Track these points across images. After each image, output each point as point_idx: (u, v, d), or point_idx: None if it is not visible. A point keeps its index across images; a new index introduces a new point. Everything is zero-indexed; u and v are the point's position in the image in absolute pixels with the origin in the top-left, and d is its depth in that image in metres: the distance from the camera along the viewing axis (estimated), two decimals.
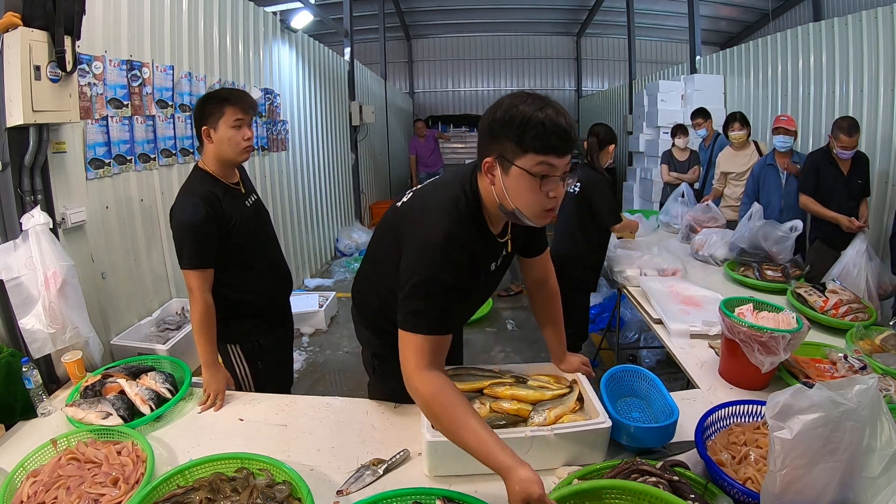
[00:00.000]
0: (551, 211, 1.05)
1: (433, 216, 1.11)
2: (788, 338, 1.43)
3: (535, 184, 1.00)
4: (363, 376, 1.60)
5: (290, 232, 4.78)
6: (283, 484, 1.11)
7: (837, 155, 2.96)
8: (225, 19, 3.49)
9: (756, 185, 3.50)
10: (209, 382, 1.56)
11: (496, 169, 1.04)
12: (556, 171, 1.00)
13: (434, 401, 1.02)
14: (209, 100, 1.62)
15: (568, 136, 0.99)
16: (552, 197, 1.02)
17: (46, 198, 1.81)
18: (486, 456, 0.96)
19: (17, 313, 1.62)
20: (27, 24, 1.55)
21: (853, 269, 2.41)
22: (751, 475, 1.10)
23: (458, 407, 1.00)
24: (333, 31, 6.88)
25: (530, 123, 0.96)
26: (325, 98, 5.77)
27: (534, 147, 0.97)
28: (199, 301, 1.57)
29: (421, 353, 1.05)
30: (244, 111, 1.61)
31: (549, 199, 1.03)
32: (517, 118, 0.97)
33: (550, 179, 1.00)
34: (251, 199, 1.78)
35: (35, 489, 1.13)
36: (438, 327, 1.07)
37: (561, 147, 0.98)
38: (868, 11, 3.74)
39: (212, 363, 1.59)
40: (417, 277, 1.06)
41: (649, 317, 2.23)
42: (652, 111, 6.42)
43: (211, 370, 1.57)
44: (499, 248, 1.22)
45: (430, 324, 1.06)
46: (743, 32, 10.76)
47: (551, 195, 1.02)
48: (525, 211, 1.05)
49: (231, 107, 1.59)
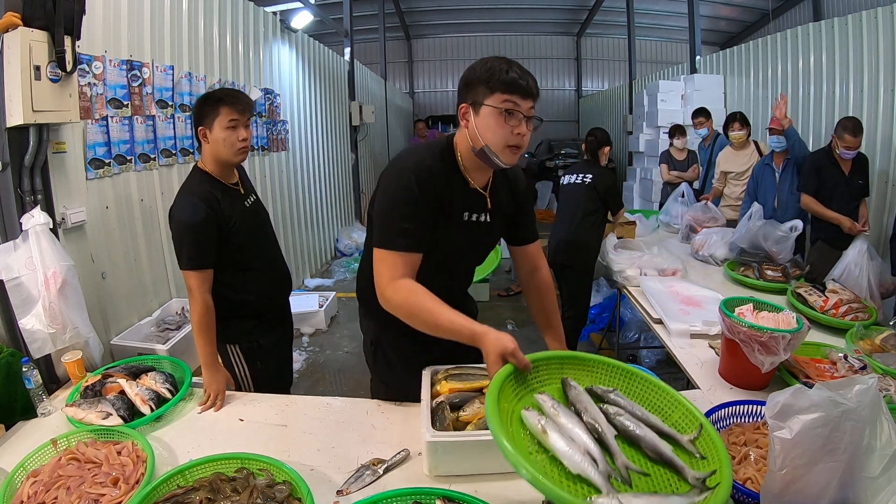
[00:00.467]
0: (515, 148, 1.18)
1: (405, 154, 1.28)
2: (788, 338, 1.43)
3: (501, 119, 1.15)
4: (363, 376, 1.60)
5: (290, 232, 4.78)
6: (283, 484, 1.11)
7: (840, 155, 2.97)
8: (225, 19, 3.49)
9: (755, 184, 3.51)
10: (209, 383, 1.55)
11: (469, 114, 1.19)
12: (520, 109, 1.14)
13: (407, 302, 1.15)
14: (205, 100, 1.63)
15: (528, 83, 1.15)
16: (516, 133, 1.16)
17: (46, 198, 1.81)
18: (460, 329, 1.09)
19: (17, 313, 1.62)
20: (27, 24, 1.55)
21: (855, 269, 2.42)
22: (751, 475, 1.10)
23: (428, 300, 1.14)
24: (333, 31, 6.89)
25: (499, 71, 1.14)
26: (325, 98, 5.77)
27: (500, 88, 1.14)
28: (198, 301, 1.57)
29: (392, 267, 1.18)
30: (240, 112, 1.61)
31: (513, 135, 1.16)
32: (487, 69, 1.16)
33: (515, 116, 1.15)
34: (250, 200, 1.78)
35: (35, 489, 1.13)
36: (405, 244, 1.18)
37: (524, 89, 1.14)
38: (868, 11, 3.75)
39: (212, 363, 1.59)
40: (386, 196, 1.22)
41: (649, 317, 2.23)
42: (652, 111, 6.43)
43: (211, 370, 1.57)
44: (477, 200, 1.31)
45: (397, 240, 1.18)
46: (743, 32, 10.77)
47: (515, 132, 1.16)
48: (492, 146, 1.17)
49: (226, 107, 1.59)
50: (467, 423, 1.26)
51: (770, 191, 3.40)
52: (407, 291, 1.16)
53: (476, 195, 1.30)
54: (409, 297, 1.15)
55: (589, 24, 11.87)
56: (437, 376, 1.39)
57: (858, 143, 2.92)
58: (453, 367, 1.42)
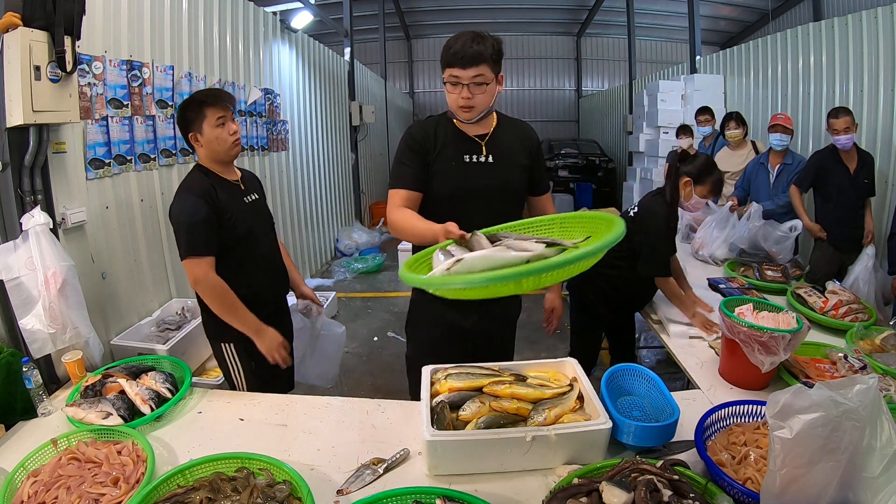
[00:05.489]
0: (464, 108, 1.48)
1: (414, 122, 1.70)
2: (788, 338, 1.43)
3: (449, 88, 1.48)
4: (363, 376, 1.61)
5: (290, 232, 4.78)
6: (284, 483, 1.11)
7: (837, 145, 2.92)
8: (225, 19, 3.49)
9: (747, 181, 3.49)
10: (261, 347, 1.64)
11: (446, 87, 1.51)
12: (461, 80, 1.44)
13: (397, 220, 1.50)
14: (187, 107, 1.65)
15: (467, 53, 1.40)
16: (464, 97, 1.46)
17: (46, 198, 1.81)
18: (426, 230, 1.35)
19: (18, 313, 1.62)
20: (27, 24, 1.55)
21: (863, 285, 2.44)
22: (751, 475, 1.10)
23: (410, 216, 1.48)
24: (333, 31, 6.88)
25: (446, 48, 1.44)
26: (325, 98, 5.77)
27: (445, 63, 1.45)
28: (209, 285, 1.58)
29: (396, 200, 1.54)
30: (224, 108, 1.65)
31: (461, 98, 1.46)
32: (444, 47, 1.45)
33: (458, 85, 1.45)
34: (251, 198, 1.78)
35: (35, 489, 1.13)
36: (406, 182, 1.55)
37: (461, 61, 1.41)
38: (868, 11, 3.74)
39: (255, 330, 1.65)
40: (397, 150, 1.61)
41: (649, 317, 2.23)
42: (652, 111, 6.42)
43: (257, 336, 1.65)
44: (473, 146, 1.58)
45: (399, 179, 1.56)
46: (743, 32, 10.76)
47: (462, 96, 1.46)
48: (452, 109, 1.54)
49: (210, 108, 1.62)
50: (467, 423, 1.26)
51: (763, 191, 3.38)
52: (399, 213, 1.50)
53: (473, 142, 1.58)
54: (398, 216, 1.50)
55: (589, 24, 11.86)
56: (437, 376, 1.39)
57: (844, 124, 2.86)
58: (453, 366, 1.43)
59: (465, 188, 1.57)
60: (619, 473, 1.06)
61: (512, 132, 1.63)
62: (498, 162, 1.58)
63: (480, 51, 1.41)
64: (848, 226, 2.99)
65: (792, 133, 3.32)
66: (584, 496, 1.02)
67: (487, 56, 1.42)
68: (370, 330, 4.12)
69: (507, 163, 1.59)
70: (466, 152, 1.57)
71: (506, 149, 1.60)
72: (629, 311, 2.30)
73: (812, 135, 4.31)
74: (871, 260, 2.51)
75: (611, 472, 1.08)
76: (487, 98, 1.48)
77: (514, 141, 1.62)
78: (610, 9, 10.48)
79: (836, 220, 3.00)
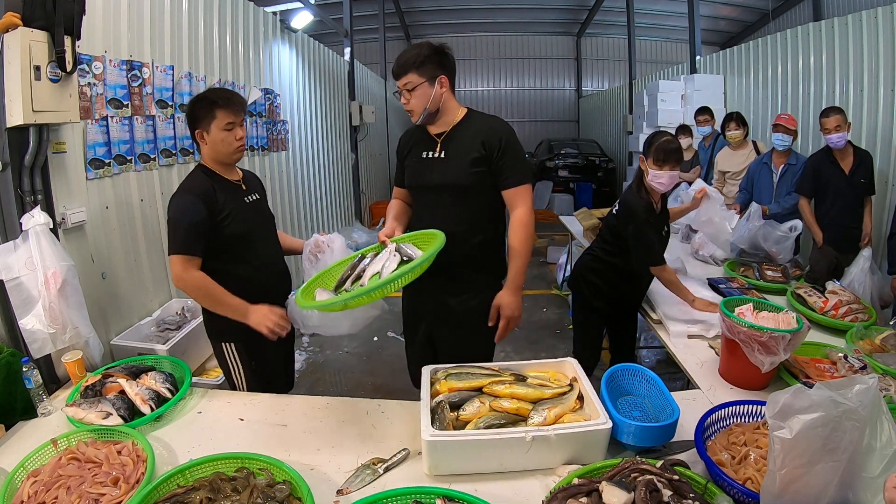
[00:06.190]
0: (408, 112, 1.68)
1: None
2: (788, 338, 1.43)
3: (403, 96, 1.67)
4: (363, 376, 1.61)
5: (290, 232, 4.77)
6: (284, 483, 1.11)
7: (829, 144, 2.91)
8: (225, 19, 3.48)
9: (750, 182, 3.49)
10: (255, 324, 1.57)
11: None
12: (399, 88, 1.65)
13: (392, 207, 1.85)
14: (198, 102, 1.65)
15: (395, 66, 1.64)
16: (403, 102, 1.66)
17: (46, 198, 1.81)
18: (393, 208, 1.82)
19: (18, 313, 1.62)
20: (27, 24, 1.55)
21: (858, 287, 2.43)
22: (751, 475, 1.10)
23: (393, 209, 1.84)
24: (333, 31, 6.88)
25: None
26: (325, 98, 5.77)
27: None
28: (189, 279, 1.56)
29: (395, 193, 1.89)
30: (235, 113, 1.64)
31: (404, 103, 1.67)
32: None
33: (401, 94, 1.66)
34: (251, 198, 1.78)
35: (35, 489, 1.13)
36: (398, 180, 1.87)
37: (395, 73, 1.64)
38: (868, 11, 3.74)
39: (243, 312, 1.60)
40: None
41: (649, 317, 2.23)
42: (652, 111, 6.42)
43: (246, 316, 1.59)
44: (430, 143, 1.73)
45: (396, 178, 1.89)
46: (743, 32, 10.76)
47: (402, 101, 1.67)
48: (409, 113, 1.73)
49: (221, 110, 1.61)
50: (467, 423, 1.27)
51: (766, 192, 3.38)
52: (393, 203, 1.87)
53: (432, 140, 1.72)
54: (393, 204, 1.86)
55: (589, 24, 11.85)
56: (437, 375, 1.39)
57: (836, 122, 2.84)
58: (453, 366, 1.43)
59: (421, 182, 1.76)
60: (619, 473, 1.06)
61: (472, 128, 1.69)
62: (449, 158, 1.69)
63: (403, 61, 1.61)
64: (846, 227, 2.98)
65: (795, 133, 3.31)
66: (584, 496, 1.02)
67: (410, 64, 1.59)
68: (370, 330, 4.11)
69: (458, 158, 1.67)
70: (425, 150, 1.74)
71: (458, 144, 1.68)
72: (626, 306, 2.31)
73: (812, 135, 4.31)
74: (867, 262, 2.50)
75: (611, 473, 1.08)
76: (423, 100, 1.62)
77: (470, 136, 1.67)
78: (610, 9, 10.47)
79: (834, 221, 2.99)
